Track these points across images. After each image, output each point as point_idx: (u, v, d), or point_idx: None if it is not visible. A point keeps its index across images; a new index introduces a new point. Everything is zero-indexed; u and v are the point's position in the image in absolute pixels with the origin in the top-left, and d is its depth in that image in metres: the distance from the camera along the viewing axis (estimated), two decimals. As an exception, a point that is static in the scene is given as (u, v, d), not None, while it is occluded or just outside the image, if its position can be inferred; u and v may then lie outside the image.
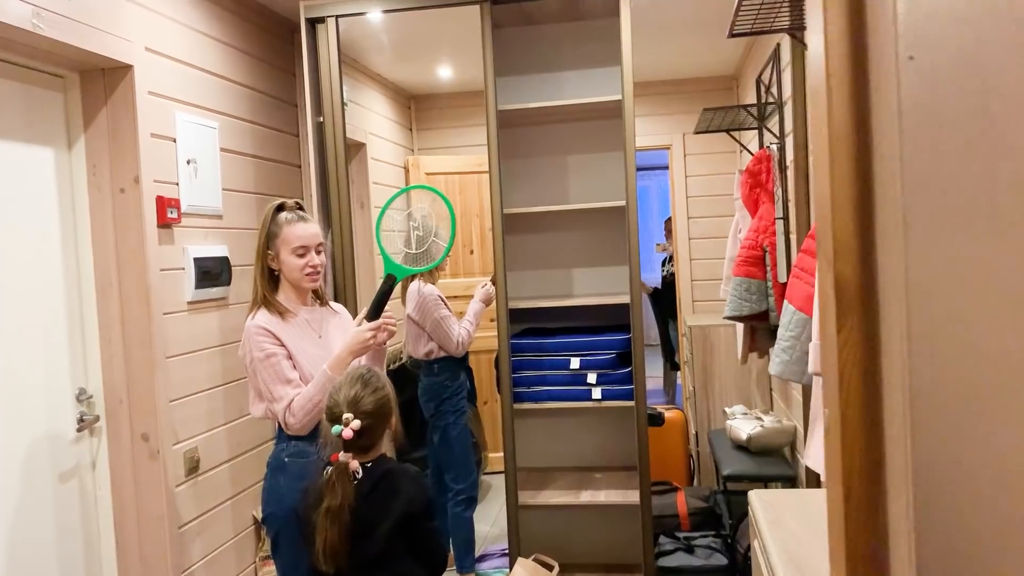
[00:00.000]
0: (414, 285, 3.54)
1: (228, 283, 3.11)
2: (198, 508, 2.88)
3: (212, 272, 3.00)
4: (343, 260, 3.24)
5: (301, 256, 2.38)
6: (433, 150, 5.46)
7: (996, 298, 0.41)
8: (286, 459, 2.35)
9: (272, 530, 2.38)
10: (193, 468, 2.85)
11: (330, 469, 1.98)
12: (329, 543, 1.98)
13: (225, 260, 3.10)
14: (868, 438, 0.52)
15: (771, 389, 4.34)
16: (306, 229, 2.41)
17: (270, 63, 3.60)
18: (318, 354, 2.40)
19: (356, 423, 1.96)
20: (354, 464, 1.98)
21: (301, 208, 2.45)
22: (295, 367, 2.34)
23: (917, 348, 0.48)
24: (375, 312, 2.44)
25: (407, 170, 5.24)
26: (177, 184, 2.86)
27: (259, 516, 3.20)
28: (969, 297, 0.44)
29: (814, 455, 2.10)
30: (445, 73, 4.93)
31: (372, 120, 4.72)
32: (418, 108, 5.50)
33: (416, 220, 2.51)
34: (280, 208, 2.42)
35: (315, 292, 2.51)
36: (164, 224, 2.76)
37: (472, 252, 5.27)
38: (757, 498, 1.48)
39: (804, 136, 2.98)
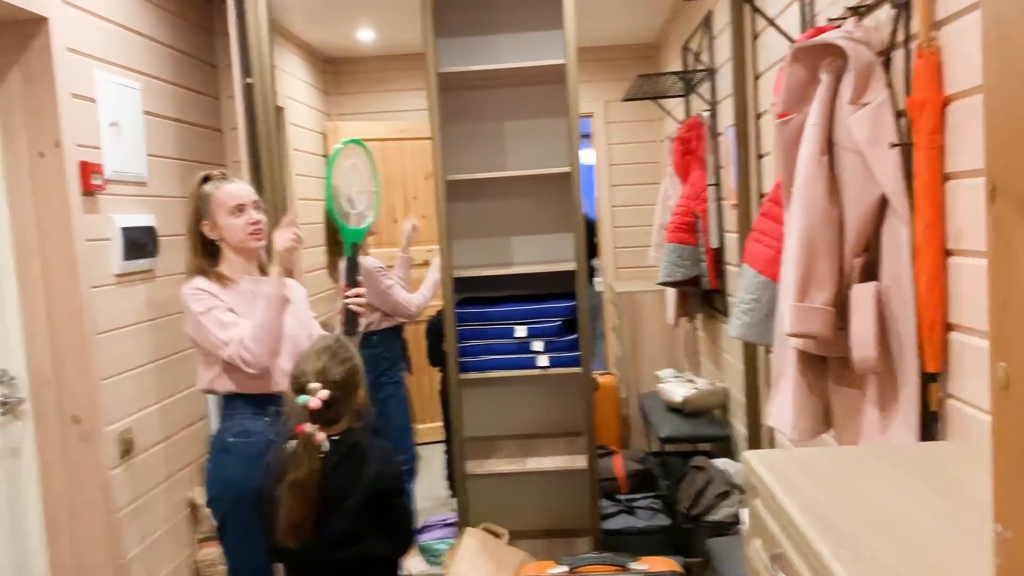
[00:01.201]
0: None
1: (155, 254, 2.94)
2: (133, 492, 2.73)
3: (139, 242, 2.82)
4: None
5: (240, 214, 2.28)
6: (351, 116, 5.29)
7: None
8: (230, 440, 2.25)
9: (218, 513, 2.28)
10: (127, 450, 2.69)
11: (295, 441, 1.90)
12: (294, 517, 1.91)
13: (151, 230, 2.92)
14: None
15: (697, 352, 4.45)
16: (239, 187, 2.33)
17: (188, 20, 3.39)
18: None
19: (324, 393, 1.89)
20: (320, 436, 1.91)
21: (226, 177, 2.35)
22: None
23: None
24: (353, 279, 2.44)
25: (326, 136, 5.07)
26: (100, 149, 2.66)
27: (196, 498, 3.06)
28: None
29: (778, 414, 2.14)
30: (365, 35, 4.78)
31: (289, 83, 4.53)
32: (335, 72, 5.31)
33: (348, 176, 2.50)
34: (206, 179, 2.31)
35: (259, 264, 2.39)
36: (88, 191, 2.57)
37: (396, 221, 5.15)
38: (756, 458, 1.49)
39: (743, 101, 3.02)
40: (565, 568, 2.13)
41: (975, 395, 1.55)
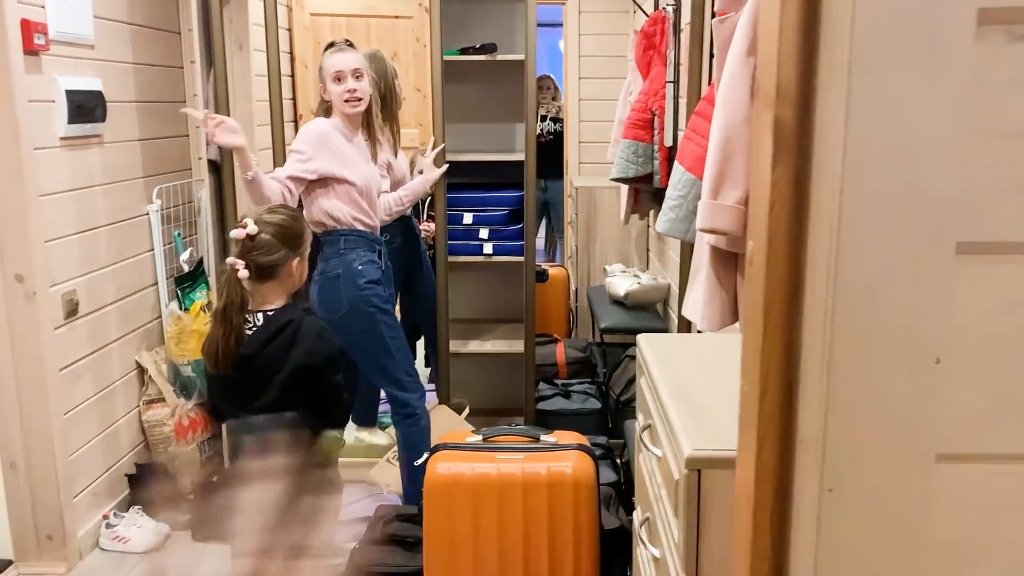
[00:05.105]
0: None
1: (103, 119, 2.93)
2: (79, 351, 2.82)
3: (86, 107, 2.81)
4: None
5: (338, 82, 2.60)
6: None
7: (930, 137, 0.47)
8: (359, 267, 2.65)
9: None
10: (72, 311, 2.76)
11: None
12: (215, 342, 2.02)
13: (99, 95, 2.90)
14: (790, 263, 0.59)
15: (648, 249, 4.54)
16: (342, 57, 2.62)
17: None
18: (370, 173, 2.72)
19: (253, 228, 1.99)
20: (243, 272, 2.00)
21: (351, 44, 2.69)
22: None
23: (850, 182, 0.54)
24: None
25: (290, 9, 4.95)
26: (43, 7, 2.62)
27: (143, 361, 3.15)
28: (904, 135, 0.50)
29: (691, 305, 2.24)
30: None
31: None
32: (300, -58, 5.13)
33: None
34: (330, 45, 2.68)
35: (369, 133, 2.75)
36: (31, 51, 2.54)
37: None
38: (645, 340, 1.59)
39: (702, -1, 3.00)
40: (480, 437, 2.27)
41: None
